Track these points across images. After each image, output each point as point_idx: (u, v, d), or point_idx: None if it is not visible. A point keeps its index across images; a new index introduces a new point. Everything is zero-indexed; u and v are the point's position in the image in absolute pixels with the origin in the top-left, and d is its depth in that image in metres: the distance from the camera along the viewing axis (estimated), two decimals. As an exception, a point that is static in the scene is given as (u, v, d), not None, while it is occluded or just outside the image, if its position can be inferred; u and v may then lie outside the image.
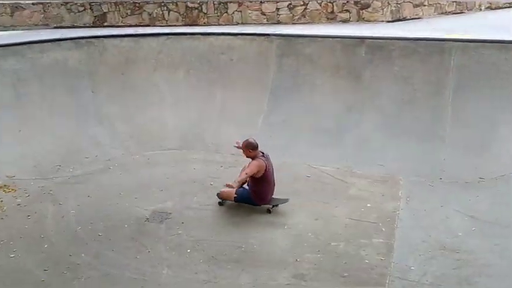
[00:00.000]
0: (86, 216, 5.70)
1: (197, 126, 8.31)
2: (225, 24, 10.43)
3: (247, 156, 5.80)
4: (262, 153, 5.82)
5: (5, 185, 6.43)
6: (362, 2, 10.29)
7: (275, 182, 5.85)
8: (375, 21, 10.27)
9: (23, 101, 7.76)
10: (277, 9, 10.39)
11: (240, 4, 10.49)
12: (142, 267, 4.66)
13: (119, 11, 10.59)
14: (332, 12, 10.31)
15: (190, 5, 10.53)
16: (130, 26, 10.48)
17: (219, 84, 8.69)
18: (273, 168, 5.87)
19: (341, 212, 5.71)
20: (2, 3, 11.11)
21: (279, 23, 10.38)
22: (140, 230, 5.38)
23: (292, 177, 6.72)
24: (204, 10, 10.50)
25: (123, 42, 8.91)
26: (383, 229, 5.32)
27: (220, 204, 5.97)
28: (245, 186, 5.89)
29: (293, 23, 10.34)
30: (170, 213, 5.75)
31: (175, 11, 10.55)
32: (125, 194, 6.26)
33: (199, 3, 10.54)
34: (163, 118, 8.42)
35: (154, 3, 10.65)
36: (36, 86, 7.98)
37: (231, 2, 10.53)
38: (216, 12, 10.51)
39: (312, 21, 10.33)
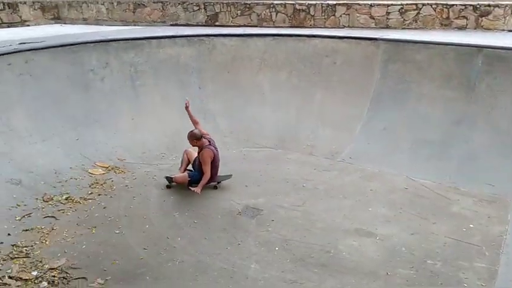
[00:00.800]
0: (184, 203, 6.04)
1: (294, 127, 8.38)
2: (331, 27, 10.35)
3: (193, 146, 6.43)
4: (209, 141, 6.45)
5: (116, 167, 7.08)
6: (481, 8, 9.52)
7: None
8: (495, 29, 9.45)
9: (138, 91, 8.49)
10: (388, 13, 10.04)
11: (348, 7, 10.33)
12: (232, 258, 4.80)
13: (230, 11, 11.05)
14: (447, 18, 9.69)
15: (298, 7, 10.63)
16: (239, 26, 10.89)
17: (320, 86, 8.66)
18: (218, 152, 6.49)
19: (439, 229, 5.35)
20: (126, 0, 12.22)
21: (387, 27, 10.02)
22: (232, 223, 5.55)
23: (389, 187, 6.46)
24: (311, 12, 10.52)
25: (231, 41, 9.30)
26: (487, 253, 4.88)
27: (168, 187, 6.47)
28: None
29: (403, 28, 9.91)
30: (261, 209, 5.86)
31: (283, 13, 10.73)
32: (221, 187, 6.52)
33: (307, 6, 10.59)
34: (262, 117, 8.62)
35: (263, 4, 10.94)
36: (150, 78, 8.67)
37: (339, 5, 10.41)
38: (323, 14, 10.47)
39: (424, 27, 9.81)
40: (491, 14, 9.47)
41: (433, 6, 9.80)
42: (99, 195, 6.19)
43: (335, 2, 10.57)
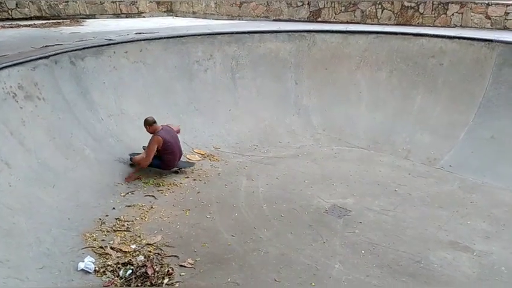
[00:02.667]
0: (272, 195, 6.16)
1: (390, 128, 8.08)
2: (441, 26, 9.74)
3: (149, 132, 6.46)
4: (163, 127, 6.52)
5: (211, 155, 7.44)
6: None
7: (181, 151, 6.73)
8: None
9: (237, 83, 8.80)
10: (506, 13, 9.17)
11: (462, 5, 9.63)
12: (316, 255, 4.81)
13: (334, 7, 10.91)
14: None
15: (406, 3, 10.17)
16: (341, 22, 10.72)
17: (422, 88, 8.23)
18: (175, 138, 6.58)
19: (548, 253, 4.84)
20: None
21: (505, 28, 9.18)
22: (319, 220, 5.55)
23: (492, 201, 5.97)
24: (421, 10, 10.00)
25: (332, 38, 9.20)
26: None
27: (131, 166, 6.63)
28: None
29: (524, 30, 9.02)
30: (350, 210, 5.77)
31: (389, 10, 10.34)
32: (309, 183, 6.53)
33: (416, 3, 10.09)
34: (356, 116, 8.45)
35: (369, 1, 10.63)
36: (249, 71, 8.94)
37: (452, 3, 9.75)
38: (433, 12, 9.90)
39: (549, 29, 8.84)
40: None
41: (562, 6, 8.78)
42: (194, 180, 6.57)
43: (447, 0, 9.93)
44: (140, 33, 9.13)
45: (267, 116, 8.51)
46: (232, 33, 9.08)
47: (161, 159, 6.51)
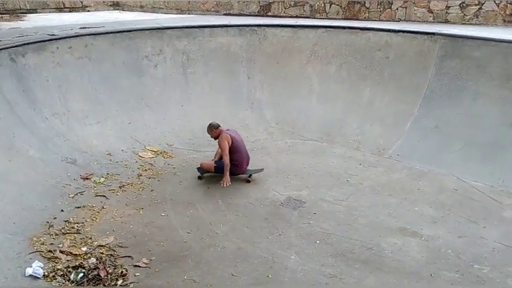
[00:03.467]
0: (228, 190, 6.14)
1: (341, 120, 8.27)
2: (386, 20, 10.07)
3: (215, 137, 6.48)
4: (228, 129, 6.54)
5: (164, 152, 7.30)
6: (551, 3, 8.95)
7: (248, 154, 6.58)
8: None
9: (188, 79, 8.68)
10: (448, 7, 9.62)
11: (405, 0, 9.98)
12: (272, 248, 4.85)
13: (284, 1, 10.99)
14: (511, 14, 9.17)
15: (352, -2, 10.42)
16: (291, 17, 10.82)
17: (370, 81, 8.48)
18: (242, 140, 6.54)
19: (489, 233, 5.14)
20: (183, -10, 12.48)
21: (446, 22, 9.63)
22: (274, 213, 5.59)
23: (437, 187, 6.27)
24: (367, 5, 10.28)
25: (282, 32, 9.28)
26: (540, 263, 4.64)
27: (199, 178, 6.46)
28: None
29: (463, 23, 9.49)
30: (304, 202, 5.86)
31: (337, 4, 10.55)
32: (264, 177, 6.56)
33: (362, -2, 10.36)
34: (308, 109, 8.58)
35: (319, -4, 10.81)
36: (201, 66, 8.84)
37: (395, -2, 10.12)
38: (378, 7, 10.20)
39: (485, 23, 9.34)
40: (561, 10, 8.88)
41: (496, 1, 9.31)
42: (148, 178, 6.42)
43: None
44: (85, 27, 8.78)
45: (221, 111, 8.45)
46: (182, 27, 8.94)
47: (231, 162, 6.31)
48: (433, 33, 8.08)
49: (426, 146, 7.24)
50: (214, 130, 6.49)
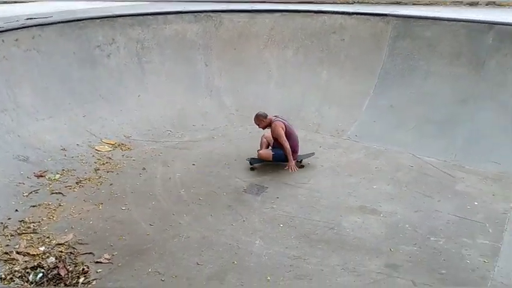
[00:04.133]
0: (190, 180, 6.09)
1: (300, 104, 8.34)
2: (341, 3, 10.16)
3: (264, 127, 6.47)
4: (276, 115, 6.50)
5: (122, 144, 7.13)
6: (495, -17, 9.30)
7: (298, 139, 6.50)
8: (508, 5, 9.23)
9: (144, 68, 8.47)
10: (399, -12, 9.84)
11: (359, -17, 10.12)
12: (237, 234, 4.87)
13: (238, -15, 10.83)
14: (459, -7, 9.48)
15: (306, -19, 10.42)
16: (247, 1, 10.70)
17: (327, 64, 8.58)
18: (291, 126, 6.48)
19: (443, 207, 5.37)
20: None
21: (398, 3, 9.83)
22: (237, 199, 5.61)
23: (394, 165, 6.47)
24: (321, -13, 10.32)
25: (238, 17, 9.19)
26: (490, 230, 4.90)
27: (251, 169, 6.39)
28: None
29: (414, 4, 9.72)
30: (266, 187, 5.90)
31: (291, -12, 10.52)
32: (226, 163, 6.55)
33: (315, -20, 10.39)
34: (267, 94, 8.59)
35: (272, -21, 10.72)
36: (157, 55, 8.64)
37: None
38: (332, -11, 10.27)
39: (435, 3, 9.62)
40: (504, -11, 9.24)
41: (445, -19, 9.59)
42: (106, 172, 6.26)
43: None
44: (31, 18, 8.36)
45: (179, 99, 8.33)
46: (134, 15, 8.67)
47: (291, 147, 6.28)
48: (386, 15, 8.26)
49: (382, 126, 7.44)
50: (263, 120, 6.42)
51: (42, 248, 4.53)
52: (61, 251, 4.50)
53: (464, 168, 6.31)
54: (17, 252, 4.44)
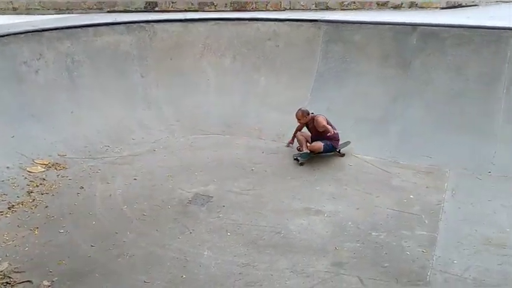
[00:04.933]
0: (132, 195, 5.91)
1: (240, 112, 8.38)
2: (273, 10, 10.36)
3: (305, 123, 6.94)
4: (312, 112, 6.96)
5: (57, 163, 6.76)
6: (415, -13, 9.91)
7: None
8: (428, 8, 9.87)
9: (76, 82, 8.12)
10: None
11: (289, -11, 10.39)
12: (184, 247, 4.79)
13: (170, -5, 10.76)
14: (383, -2, 10.00)
15: (238, -10, 10.55)
16: (180, 11, 10.63)
17: (264, 70, 8.71)
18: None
19: (382, 202, 5.62)
20: (60, -12, 11.59)
21: (327, 9, 10.20)
22: (183, 212, 5.52)
23: (334, 166, 6.67)
24: (253, -5, 10.48)
25: (172, 27, 9.09)
26: (426, 221, 5.19)
27: (301, 164, 6.74)
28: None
29: (342, 9, 10.13)
30: (211, 196, 5.86)
31: (223, -4, 10.60)
32: (169, 176, 6.43)
33: (247, -11, 10.53)
34: (207, 103, 8.55)
35: (204, -12, 10.75)
36: (89, 68, 8.31)
37: (279, -13, 10.46)
38: (264, -3, 10.46)
39: (362, 8, 10.08)
40: (424, -7, 9.87)
41: (369, -14, 10.08)
42: (40, 194, 5.92)
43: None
44: None
45: (116, 113, 8.07)
46: (62, 28, 8.30)
47: (331, 138, 6.73)
48: (316, 20, 8.53)
49: (321, 128, 7.64)
50: (306, 116, 6.88)
51: (-27, 282, 4.20)
52: (-5, 283, 4.20)
53: (399, 164, 6.64)
54: None
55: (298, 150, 7.04)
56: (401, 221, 5.22)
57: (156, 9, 10.82)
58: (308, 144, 6.82)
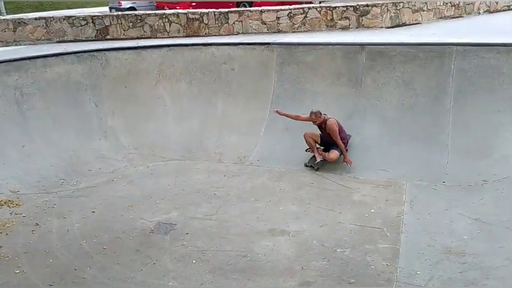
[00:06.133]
0: (91, 229, 5.71)
1: (200, 136, 8.35)
2: (226, 35, 10.49)
3: (320, 122, 7.07)
4: (324, 113, 7.14)
5: (9, 201, 6.44)
6: (361, 9, 10.33)
7: None
8: (374, 27, 10.30)
9: (26, 116, 7.83)
10: (278, 18, 10.45)
11: (240, 14, 10.56)
12: (148, 279, 4.65)
13: (121, 24, 10.67)
14: (332, 19, 10.35)
15: (191, 16, 10.60)
16: (132, 38, 10.55)
17: (221, 94, 8.74)
18: None
19: (345, 218, 5.71)
20: (5, 19, 11.25)
21: (279, 31, 10.43)
22: (145, 242, 5.38)
23: (296, 184, 6.74)
24: (205, 21, 10.57)
25: (125, 55, 8.99)
26: (388, 234, 5.31)
27: (317, 169, 7.08)
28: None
29: (293, 31, 10.38)
30: (174, 224, 5.75)
31: (176, 23, 10.62)
32: (130, 206, 6.27)
33: (200, 14, 10.61)
34: (166, 129, 8.46)
35: (156, 15, 10.74)
36: (39, 100, 8.05)
37: (231, 13, 10.60)
38: (216, 22, 10.57)
39: (312, 29, 10.37)
40: (369, 14, 10.31)
41: (318, 9, 10.41)
42: (-8, 234, 5.61)
43: (226, 10, 10.74)
44: None
45: (70, 145, 7.83)
46: (9, 61, 8.04)
47: (342, 141, 6.94)
48: (269, 43, 8.71)
49: (281, 148, 7.73)
50: (319, 117, 7.02)
51: None
52: None
53: (358, 179, 6.79)
54: None
55: (307, 151, 7.30)
56: (364, 235, 5.31)
57: (108, 37, 10.69)
58: (323, 153, 7.10)
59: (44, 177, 7.11)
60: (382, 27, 10.35)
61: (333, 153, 6.99)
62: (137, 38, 10.56)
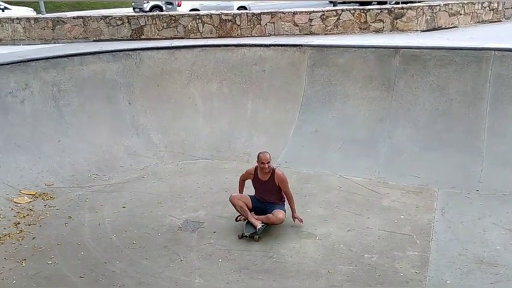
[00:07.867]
0: (121, 224, 5.83)
1: (229, 136, 8.40)
2: (258, 36, 10.53)
3: (265, 169, 5.40)
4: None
5: (44, 193, 6.68)
6: (395, 11, 10.17)
7: None
8: (409, 30, 10.13)
9: (62, 111, 8.09)
10: (310, 20, 10.43)
11: (272, 15, 10.59)
12: (175, 275, 4.71)
13: (156, 24, 10.88)
14: (365, 22, 10.24)
15: (224, 17, 10.71)
16: (166, 38, 10.75)
17: (251, 94, 8.77)
18: None
19: (373, 223, 5.62)
20: (44, 18, 11.66)
21: (311, 33, 10.39)
22: (173, 239, 5.45)
23: (324, 188, 6.68)
24: (238, 22, 10.64)
25: (159, 55, 9.16)
26: (418, 242, 5.19)
27: (258, 239, 5.32)
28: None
29: (326, 34, 10.33)
30: (202, 222, 5.81)
31: (209, 24, 10.74)
32: (159, 203, 6.38)
33: (232, 16, 10.71)
34: (196, 128, 8.56)
35: (189, 16, 10.91)
36: (75, 97, 8.30)
37: (264, 14, 10.64)
38: (249, 24, 10.64)
39: (344, 32, 10.29)
40: (404, 16, 10.15)
41: (351, 11, 10.32)
42: (27, 225, 5.81)
43: (259, 11, 10.78)
44: None
45: (103, 141, 8.03)
46: (48, 58, 8.32)
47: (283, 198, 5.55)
48: (301, 45, 8.69)
49: (309, 150, 7.69)
50: (269, 161, 5.44)
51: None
52: (-20, 320, 4.06)
53: (388, 184, 6.68)
54: None
55: (238, 220, 5.67)
56: (392, 242, 5.21)
57: (142, 37, 10.92)
58: (263, 216, 5.42)
59: (77, 172, 7.32)
60: (417, 30, 10.17)
61: (281, 213, 5.37)
62: (171, 38, 10.74)
